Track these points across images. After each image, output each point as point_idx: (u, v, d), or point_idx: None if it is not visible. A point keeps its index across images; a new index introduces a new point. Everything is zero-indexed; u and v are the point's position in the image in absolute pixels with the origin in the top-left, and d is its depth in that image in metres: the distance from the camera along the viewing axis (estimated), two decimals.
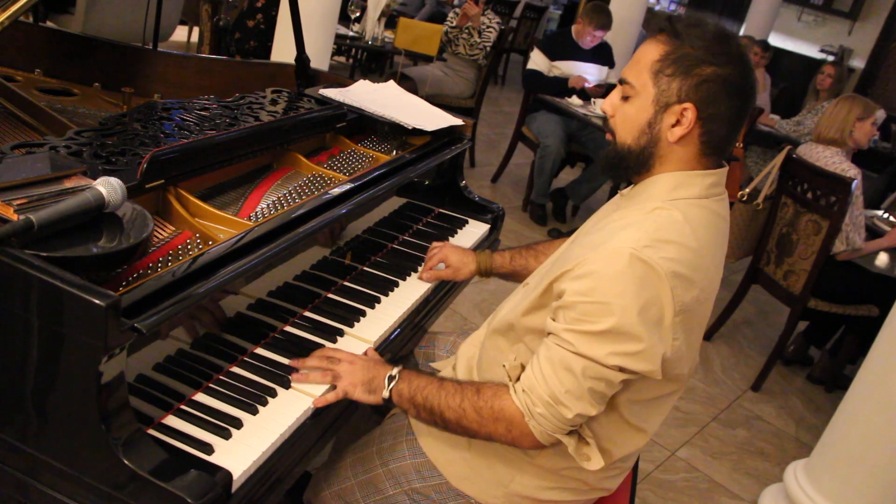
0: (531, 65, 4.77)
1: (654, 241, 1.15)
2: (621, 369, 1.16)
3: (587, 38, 4.62)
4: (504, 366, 1.28)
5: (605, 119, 1.32)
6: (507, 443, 1.26)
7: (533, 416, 1.20)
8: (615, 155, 1.29)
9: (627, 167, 1.28)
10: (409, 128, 1.88)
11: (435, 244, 1.81)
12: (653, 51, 1.22)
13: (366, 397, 1.31)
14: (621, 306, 1.13)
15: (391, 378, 1.32)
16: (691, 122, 1.20)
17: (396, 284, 1.69)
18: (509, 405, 1.22)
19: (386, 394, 1.31)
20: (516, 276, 1.75)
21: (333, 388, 1.31)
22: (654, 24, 1.34)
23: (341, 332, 1.46)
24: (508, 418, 1.22)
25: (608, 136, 1.32)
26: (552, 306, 1.23)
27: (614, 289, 1.13)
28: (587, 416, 1.19)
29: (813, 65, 5.72)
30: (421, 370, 1.39)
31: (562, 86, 4.61)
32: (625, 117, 1.26)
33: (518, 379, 1.24)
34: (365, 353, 1.41)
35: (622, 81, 1.27)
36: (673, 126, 1.21)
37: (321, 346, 1.40)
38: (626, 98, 1.26)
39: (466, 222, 2.11)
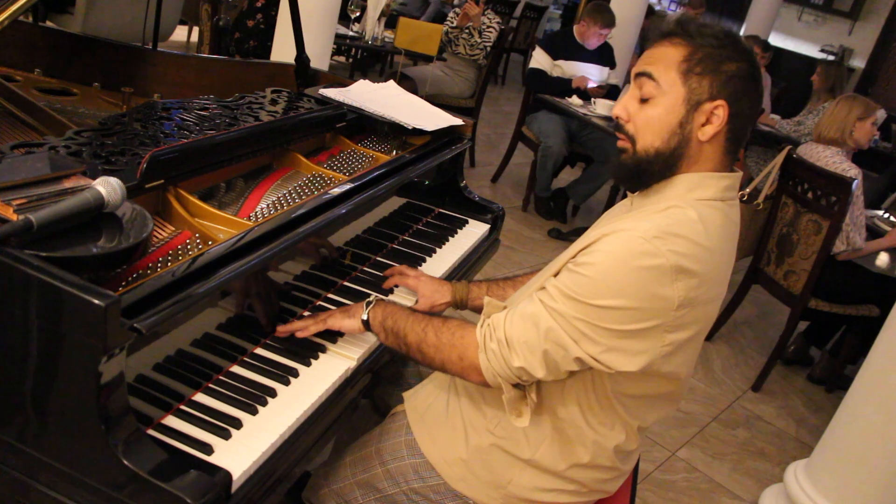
0: (534, 63, 4.76)
1: (664, 234, 1.15)
2: (579, 339, 1.16)
3: (593, 38, 4.58)
4: (485, 300, 1.32)
5: (616, 125, 1.27)
6: (456, 373, 1.29)
7: (485, 350, 1.23)
8: (636, 162, 1.24)
9: (652, 172, 1.24)
10: (409, 128, 1.88)
11: (406, 269, 1.69)
12: (674, 51, 1.21)
13: (343, 321, 1.39)
14: (617, 291, 1.13)
15: (368, 303, 1.40)
16: (723, 119, 1.20)
17: (397, 285, 1.69)
18: (470, 335, 1.26)
19: (364, 315, 1.38)
20: None
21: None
22: (663, 27, 1.32)
23: (341, 332, 1.46)
24: (463, 347, 1.26)
25: (624, 144, 1.26)
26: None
27: (616, 273, 1.14)
28: (532, 374, 1.20)
29: (813, 65, 5.74)
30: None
31: (565, 86, 4.60)
32: (649, 120, 1.22)
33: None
34: None
35: (644, 76, 1.22)
36: (703, 125, 1.21)
37: (321, 346, 1.40)
38: (644, 100, 1.23)
39: (466, 222, 2.11)
